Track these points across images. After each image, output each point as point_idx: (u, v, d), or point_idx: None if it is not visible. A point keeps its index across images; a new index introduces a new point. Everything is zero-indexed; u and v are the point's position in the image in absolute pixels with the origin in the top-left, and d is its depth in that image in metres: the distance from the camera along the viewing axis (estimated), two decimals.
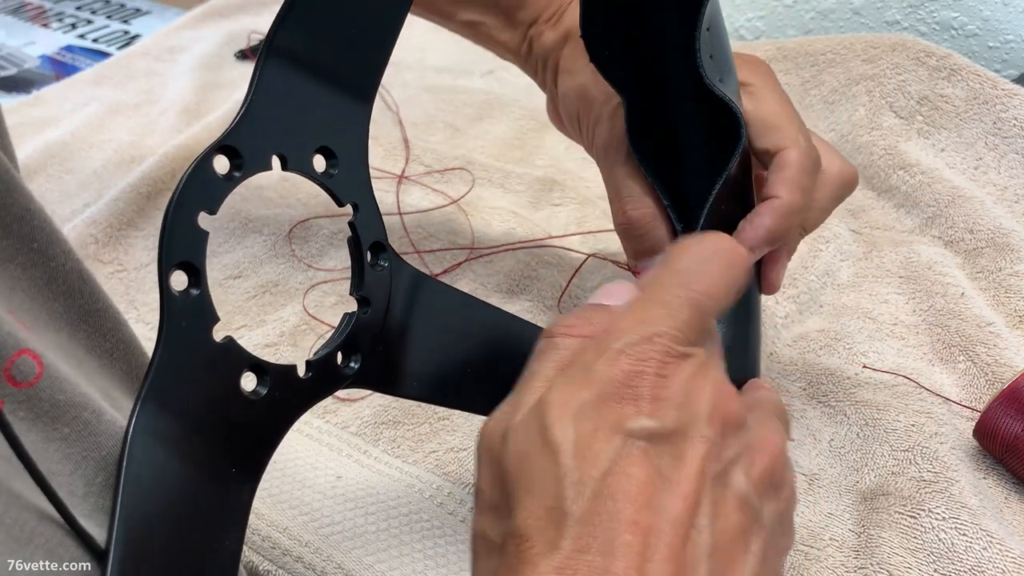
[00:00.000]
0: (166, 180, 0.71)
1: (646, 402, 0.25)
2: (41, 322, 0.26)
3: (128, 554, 0.22)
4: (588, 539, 0.23)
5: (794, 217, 0.41)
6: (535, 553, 0.23)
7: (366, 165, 0.31)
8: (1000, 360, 0.51)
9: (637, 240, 0.43)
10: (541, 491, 0.24)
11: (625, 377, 0.25)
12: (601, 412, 0.24)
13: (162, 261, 0.25)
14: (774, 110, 0.43)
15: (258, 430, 0.27)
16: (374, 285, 0.31)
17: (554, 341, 0.28)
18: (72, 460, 0.24)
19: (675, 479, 0.24)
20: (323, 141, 0.29)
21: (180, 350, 0.25)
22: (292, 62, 0.29)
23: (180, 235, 0.25)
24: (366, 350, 0.31)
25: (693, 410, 0.25)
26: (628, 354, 0.25)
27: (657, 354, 0.25)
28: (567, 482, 0.23)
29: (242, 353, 0.27)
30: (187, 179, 0.25)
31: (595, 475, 0.23)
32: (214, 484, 0.26)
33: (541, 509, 0.24)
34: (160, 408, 0.24)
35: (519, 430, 0.25)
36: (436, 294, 0.34)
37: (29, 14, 1.18)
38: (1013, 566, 0.40)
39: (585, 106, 0.47)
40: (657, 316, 0.26)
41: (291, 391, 0.28)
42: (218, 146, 0.26)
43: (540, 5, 0.51)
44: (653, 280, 0.28)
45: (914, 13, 0.85)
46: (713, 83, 0.38)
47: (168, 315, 0.25)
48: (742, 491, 0.25)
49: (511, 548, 0.24)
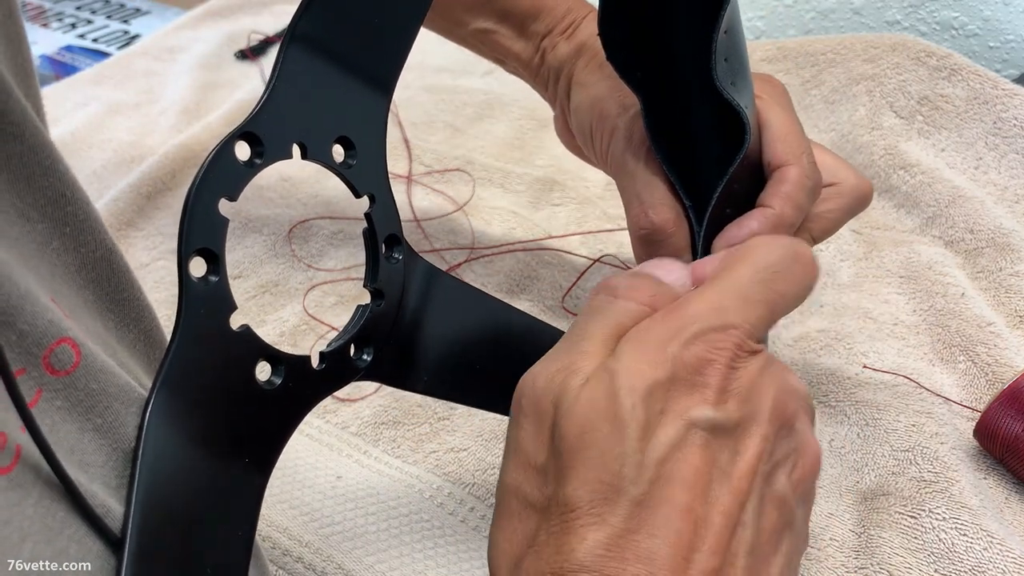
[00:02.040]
0: (166, 180, 0.71)
1: (713, 392, 0.25)
2: (78, 308, 0.26)
3: (144, 542, 0.23)
4: (640, 520, 0.23)
5: (782, 229, 0.41)
6: (582, 525, 0.23)
7: (383, 157, 0.31)
8: (1000, 360, 0.51)
9: (657, 246, 0.42)
10: (600, 466, 0.24)
11: (698, 364, 0.25)
12: (671, 395, 0.25)
13: (182, 247, 0.24)
14: (782, 125, 0.43)
15: (271, 420, 0.27)
16: (388, 278, 0.31)
17: (612, 301, 0.28)
18: (104, 451, 0.24)
19: (731, 473, 0.24)
20: (343, 131, 0.29)
21: (197, 337, 0.25)
22: (314, 49, 0.29)
23: (200, 221, 0.25)
24: (379, 343, 0.31)
25: (756, 407, 0.25)
26: (703, 341, 0.26)
27: (731, 346, 0.26)
28: (629, 462, 0.24)
29: (258, 342, 0.27)
30: (208, 165, 0.25)
31: (656, 458, 0.24)
32: (228, 473, 0.26)
33: (597, 483, 0.24)
34: (176, 395, 0.24)
35: (583, 399, 0.25)
36: (449, 289, 0.34)
37: (29, 14, 1.18)
38: (1013, 566, 0.40)
39: (599, 119, 0.46)
40: (735, 308, 0.27)
41: (305, 382, 0.28)
42: (240, 132, 0.26)
43: (555, 17, 0.51)
44: (730, 270, 0.28)
45: (914, 13, 0.85)
46: (724, 86, 0.38)
47: (187, 301, 0.25)
48: (783, 492, 0.26)
49: (556, 514, 0.24)
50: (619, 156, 0.45)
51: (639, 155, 0.43)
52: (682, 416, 0.25)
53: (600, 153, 0.48)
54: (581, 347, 0.27)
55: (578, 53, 0.49)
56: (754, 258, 0.28)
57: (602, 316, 0.28)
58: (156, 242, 0.65)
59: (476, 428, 0.49)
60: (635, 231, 0.43)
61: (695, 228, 0.42)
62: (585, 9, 0.51)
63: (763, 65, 0.80)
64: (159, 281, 0.62)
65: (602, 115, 0.46)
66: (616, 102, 0.45)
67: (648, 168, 0.43)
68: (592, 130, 0.47)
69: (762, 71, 0.80)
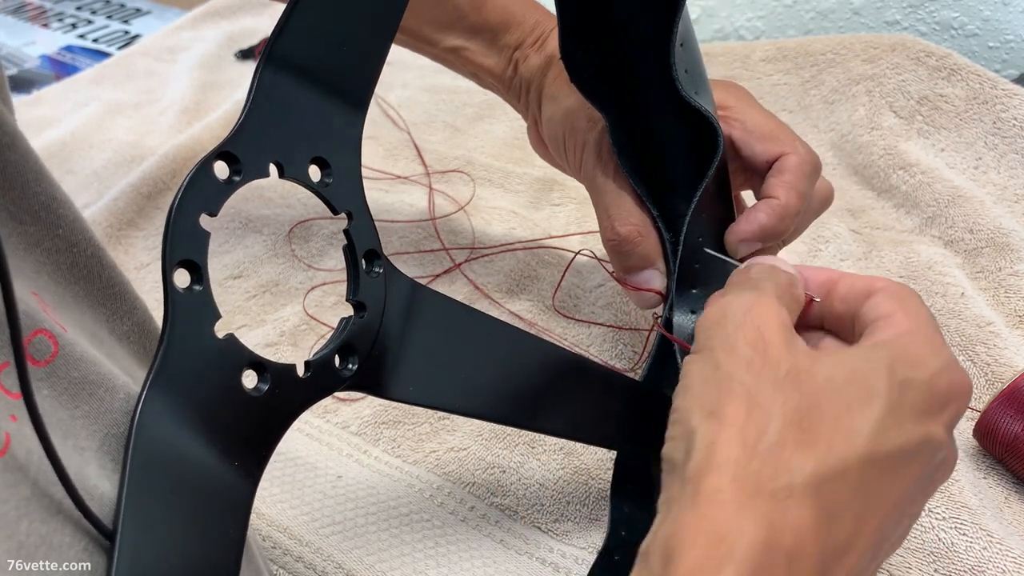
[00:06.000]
0: (166, 180, 0.71)
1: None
2: (66, 304, 0.28)
3: (136, 535, 0.23)
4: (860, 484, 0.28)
5: (790, 219, 0.42)
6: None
7: (359, 174, 0.32)
8: (1000, 360, 0.51)
9: (626, 256, 0.44)
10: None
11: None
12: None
13: (165, 259, 0.25)
14: (764, 122, 0.45)
15: (258, 427, 0.28)
16: (369, 291, 0.32)
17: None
18: (97, 438, 0.25)
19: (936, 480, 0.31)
20: (318, 151, 0.30)
21: (183, 345, 0.26)
22: (289, 71, 0.30)
23: (182, 235, 0.26)
24: (363, 353, 0.32)
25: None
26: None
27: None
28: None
29: (243, 351, 0.27)
30: (188, 183, 0.26)
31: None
32: (218, 475, 0.26)
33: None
34: (164, 399, 0.25)
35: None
36: (431, 302, 0.35)
37: (29, 14, 1.18)
38: (1013, 566, 0.40)
39: (571, 131, 0.47)
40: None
41: (291, 390, 0.29)
42: (218, 152, 0.27)
43: (524, 29, 0.51)
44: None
45: (914, 13, 0.85)
46: (689, 95, 0.40)
47: (172, 311, 0.25)
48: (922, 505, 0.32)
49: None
50: (590, 171, 0.46)
51: (607, 169, 0.45)
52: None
53: (573, 165, 0.49)
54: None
55: (548, 65, 0.50)
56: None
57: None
58: (156, 242, 0.65)
59: (476, 428, 0.49)
60: (605, 242, 0.45)
61: (664, 235, 0.44)
62: (552, 21, 0.51)
63: (763, 65, 0.80)
64: (159, 281, 0.61)
65: (573, 129, 0.47)
66: (585, 116, 0.46)
67: (615, 182, 0.45)
68: (565, 142, 0.48)
69: (762, 71, 0.81)
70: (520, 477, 0.46)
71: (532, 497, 0.45)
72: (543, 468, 0.46)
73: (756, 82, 0.80)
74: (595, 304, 0.58)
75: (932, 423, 0.29)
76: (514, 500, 0.44)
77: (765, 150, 0.43)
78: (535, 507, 0.44)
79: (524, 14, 0.51)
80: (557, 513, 0.44)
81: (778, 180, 0.42)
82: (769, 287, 0.33)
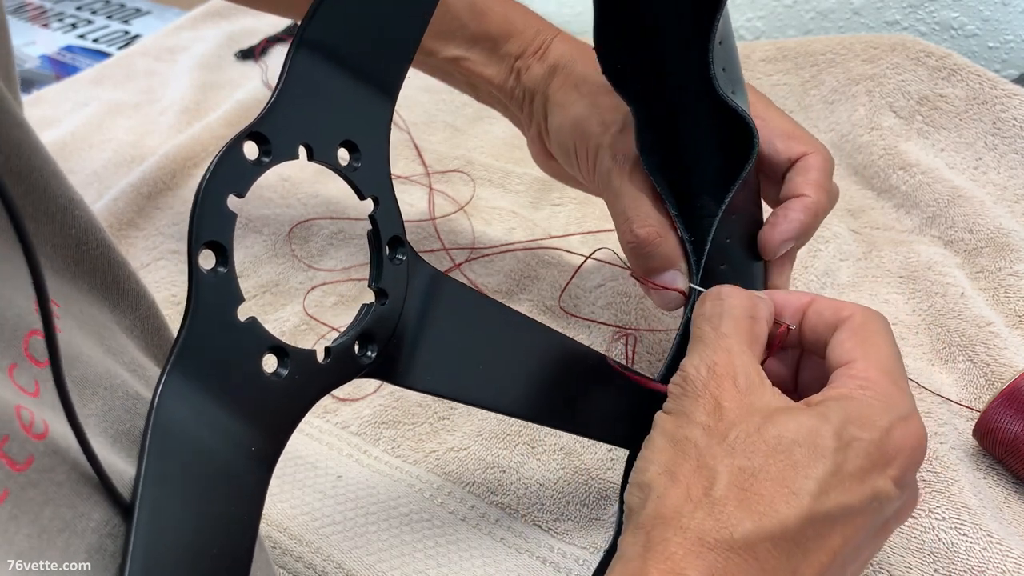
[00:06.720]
0: (166, 180, 0.71)
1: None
2: (74, 298, 0.28)
3: (153, 512, 0.23)
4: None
5: (820, 216, 0.43)
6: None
7: (387, 160, 0.32)
8: (1000, 360, 0.51)
9: (647, 257, 0.43)
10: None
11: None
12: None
13: (191, 240, 0.25)
14: (784, 122, 0.45)
15: (276, 412, 0.28)
16: (392, 278, 0.32)
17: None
18: (108, 435, 0.25)
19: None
20: (348, 134, 0.30)
21: (206, 326, 0.26)
22: (321, 54, 0.29)
23: (210, 215, 0.26)
24: (382, 341, 0.32)
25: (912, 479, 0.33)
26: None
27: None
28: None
29: (264, 334, 0.27)
30: (218, 162, 0.26)
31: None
32: (233, 459, 0.26)
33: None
34: (185, 381, 0.25)
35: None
36: (452, 291, 0.34)
37: (29, 14, 1.18)
38: (1013, 566, 0.40)
39: (582, 137, 0.47)
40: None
41: (310, 375, 0.29)
42: (248, 132, 0.27)
43: (526, 39, 0.51)
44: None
45: (914, 13, 0.85)
46: (726, 94, 0.39)
47: (196, 292, 0.25)
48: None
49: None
50: (605, 174, 0.46)
51: (623, 172, 0.45)
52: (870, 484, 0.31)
53: (585, 172, 0.48)
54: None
55: (552, 73, 0.49)
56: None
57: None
58: (156, 242, 0.65)
59: (476, 428, 0.49)
60: (624, 244, 0.45)
61: (683, 236, 0.44)
62: (552, 31, 0.51)
63: (763, 65, 0.80)
64: (160, 281, 0.62)
65: (584, 134, 0.47)
66: (596, 121, 0.46)
67: (633, 184, 0.44)
68: (575, 149, 0.48)
69: (762, 71, 0.81)
70: (520, 477, 0.46)
71: (532, 496, 0.45)
72: (543, 468, 0.46)
73: (756, 82, 0.80)
74: (595, 304, 0.58)
75: (879, 479, 0.31)
76: (514, 499, 0.44)
77: (787, 148, 0.43)
78: (535, 506, 0.44)
79: (525, 24, 0.51)
80: (557, 512, 0.44)
81: (804, 179, 0.42)
82: (730, 330, 0.35)
